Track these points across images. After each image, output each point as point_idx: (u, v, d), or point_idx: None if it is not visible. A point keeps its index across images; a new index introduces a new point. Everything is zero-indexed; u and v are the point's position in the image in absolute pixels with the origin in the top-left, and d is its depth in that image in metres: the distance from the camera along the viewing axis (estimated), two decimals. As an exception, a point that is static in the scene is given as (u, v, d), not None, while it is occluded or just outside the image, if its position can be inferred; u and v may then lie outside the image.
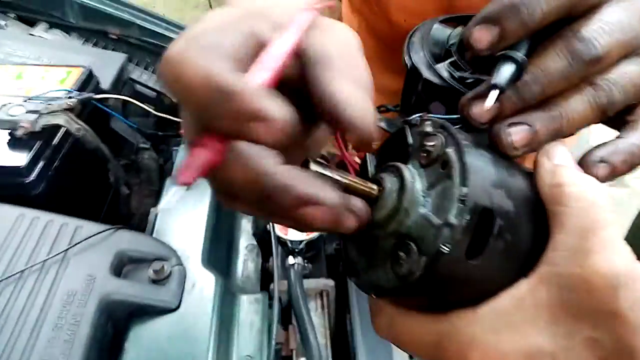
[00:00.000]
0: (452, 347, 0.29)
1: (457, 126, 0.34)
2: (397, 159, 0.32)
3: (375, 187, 0.30)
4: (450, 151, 0.29)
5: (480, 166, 0.28)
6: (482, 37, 0.30)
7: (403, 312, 0.31)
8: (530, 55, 0.30)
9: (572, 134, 0.32)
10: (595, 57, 0.29)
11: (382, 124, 0.49)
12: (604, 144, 0.32)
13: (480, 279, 0.28)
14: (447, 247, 0.26)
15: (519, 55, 0.30)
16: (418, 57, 0.44)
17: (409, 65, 0.41)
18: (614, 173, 0.32)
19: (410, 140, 0.32)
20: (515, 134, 0.31)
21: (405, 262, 0.28)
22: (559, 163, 0.30)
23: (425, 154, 0.30)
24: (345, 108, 0.26)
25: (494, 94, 0.29)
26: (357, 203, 0.29)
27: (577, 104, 0.31)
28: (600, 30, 0.30)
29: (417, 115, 0.34)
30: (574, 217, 0.27)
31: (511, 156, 0.31)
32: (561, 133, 0.31)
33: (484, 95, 0.30)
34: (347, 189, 0.30)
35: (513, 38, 0.30)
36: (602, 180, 0.31)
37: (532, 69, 0.30)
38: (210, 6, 2.65)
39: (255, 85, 0.24)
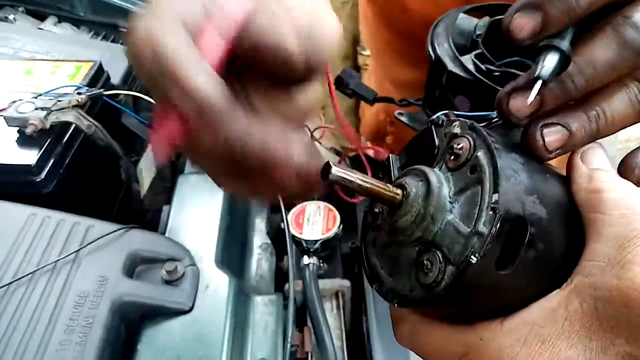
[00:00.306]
0: None
1: (484, 124, 0.32)
2: (422, 161, 0.31)
3: (399, 191, 0.29)
4: (481, 155, 0.27)
5: (512, 171, 0.26)
6: (524, 24, 0.27)
7: (427, 321, 0.30)
8: (575, 43, 0.28)
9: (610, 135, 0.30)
10: None
11: (404, 118, 0.47)
12: None
13: (510, 290, 0.27)
14: (476, 257, 0.25)
15: (564, 44, 0.27)
16: (442, 49, 0.43)
17: (433, 57, 0.39)
18: None
19: (436, 142, 0.31)
20: (550, 135, 0.29)
21: (431, 271, 0.27)
22: (596, 167, 0.29)
23: (453, 157, 0.29)
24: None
25: (537, 86, 0.27)
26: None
27: (620, 103, 0.29)
28: None
29: (442, 112, 0.32)
30: (611, 226, 0.26)
31: (544, 159, 0.29)
32: (600, 135, 0.29)
33: (524, 88, 0.28)
34: (369, 194, 0.28)
35: (558, 25, 0.27)
36: None
37: (578, 59, 0.28)
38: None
39: (193, 58, 0.26)
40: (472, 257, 0.25)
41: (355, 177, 0.28)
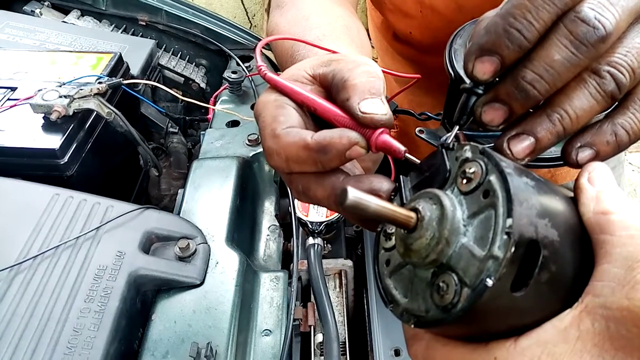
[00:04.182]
0: None
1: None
2: (433, 183, 0.32)
3: (413, 215, 0.29)
4: (493, 179, 0.28)
5: (525, 196, 0.26)
6: (486, 69, 0.29)
7: (441, 340, 0.30)
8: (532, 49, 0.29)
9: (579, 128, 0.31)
10: (602, 38, 0.28)
11: (424, 136, 0.47)
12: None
13: (524, 311, 0.27)
14: (492, 280, 0.25)
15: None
16: (461, 66, 0.42)
17: (452, 75, 0.40)
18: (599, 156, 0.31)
19: (448, 165, 0.31)
20: (516, 145, 0.30)
21: (447, 293, 0.27)
22: (602, 188, 0.29)
23: (465, 181, 0.29)
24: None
25: (454, 131, 0.32)
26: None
27: (580, 100, 0.29)
28: (604, 2, 0.28)
29: (456, 131, 0.33)
30: (620, 246, 0.26)
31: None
32: (567, 133, 0.30)
33: (492, 102, 0.31)
34: (384, 217, 0.29)
35: (514, 60, 0.29)
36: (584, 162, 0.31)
37: (536, 65, 0.29)
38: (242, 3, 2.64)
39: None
40: (487, 280, 0.25)
41: (371, 201, 0.28)
